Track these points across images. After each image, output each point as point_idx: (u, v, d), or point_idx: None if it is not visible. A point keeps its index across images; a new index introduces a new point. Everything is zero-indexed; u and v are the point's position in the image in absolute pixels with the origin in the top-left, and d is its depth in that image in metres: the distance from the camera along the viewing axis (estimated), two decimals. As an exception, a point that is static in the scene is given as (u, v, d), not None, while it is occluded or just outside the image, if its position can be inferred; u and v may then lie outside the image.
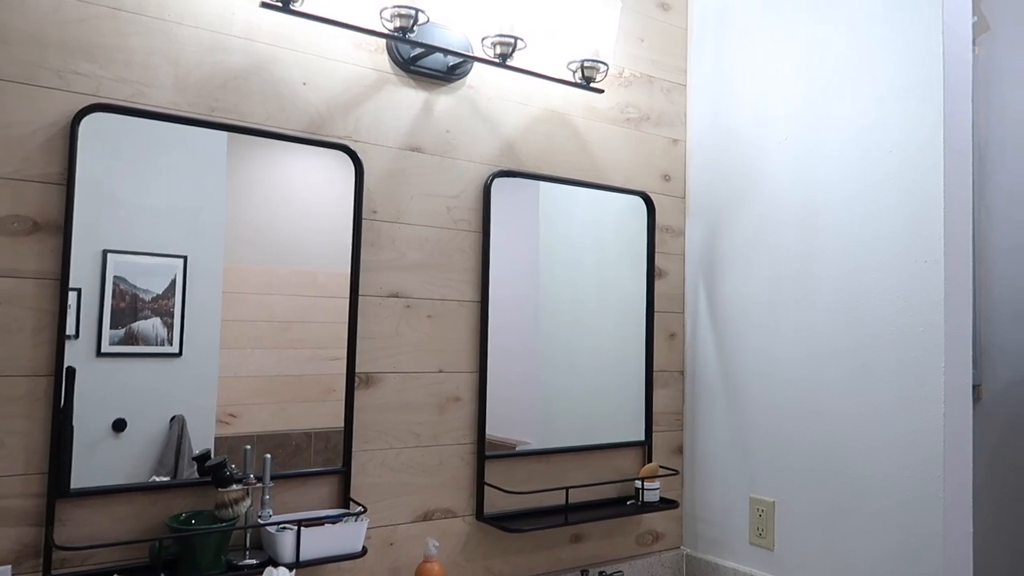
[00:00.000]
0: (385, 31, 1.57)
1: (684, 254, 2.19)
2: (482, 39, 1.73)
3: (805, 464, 1.83)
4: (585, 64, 1.83)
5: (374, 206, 1.66)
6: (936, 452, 1.58)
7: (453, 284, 1.77)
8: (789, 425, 1.88)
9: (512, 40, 1.71)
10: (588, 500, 1.94)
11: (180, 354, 1.43)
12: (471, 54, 1.73)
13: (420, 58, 1.71)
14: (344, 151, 1.61)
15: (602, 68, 1.84)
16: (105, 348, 1.35)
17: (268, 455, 1.46)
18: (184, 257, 1.43)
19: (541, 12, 1.90)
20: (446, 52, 1.68)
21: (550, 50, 1.90)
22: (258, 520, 1.44)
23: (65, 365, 1.31)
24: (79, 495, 1.32)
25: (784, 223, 1.92)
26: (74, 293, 1.33)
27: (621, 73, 2.08)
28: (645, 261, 2.09)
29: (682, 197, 2.20)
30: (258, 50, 1.54)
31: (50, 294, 1.32)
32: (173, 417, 1.42)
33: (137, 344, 1.38)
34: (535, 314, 1.90)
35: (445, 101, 1.77)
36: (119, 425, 1.36)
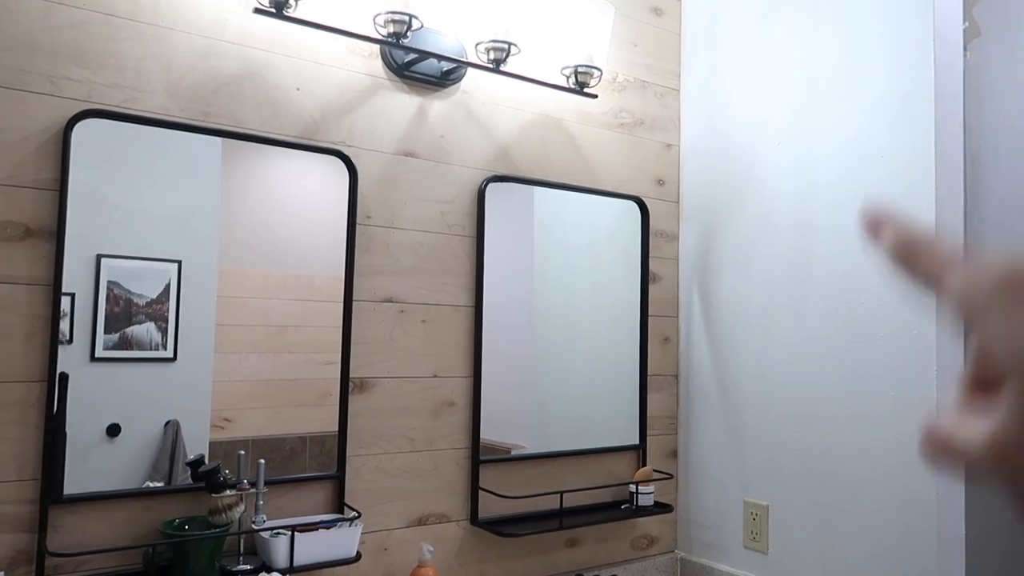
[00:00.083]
0: (379, 37, 1.57)
1: (678, 258, 2.20)
2: (476, 44, 1.74)
3: (799, 467, 1.84)
4: (579, 69, 1.83)
5: (368, 211, 1.66)
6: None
7: (447, 289, 1.77)
8: (783, 428, 1.88)
9: (506, 46, 1.71)
10: (583, 504, 1.94)
11: (174, 359, 1.42)
12: (465, 59, 1.74)
13: (414, 63, 1.71)
14: (338, 156, 1.61)
15: (596, 73, 1.85)
16: (99, 353, 1.35)
17: (262, 460, 1.46)
18: (178, 261, 1.43)
19: (535, 18, 1.90)
20: (440, 57, 1.68)
21: (544, 55, 1.90)
22: (252, 525, 1.44)
23: (58, 371, 1.31)
24: (72, 501, 1.32)
25: (778, 227, 1.92)
26: (68, 298, 1.33)
27: (615, 78, 2.09)
28: (639, 265, 2.09)
29: (676, 201, 2.20)
30: (251, 56, 1.54)
31: (43, 300, 1.31)
32: (167, 422, 1.42)
33: (131, 349, 1.38)
34: (529, 319, 1.90)
35: (439, 106, 1.78)
36: (113, 430, 1.36)
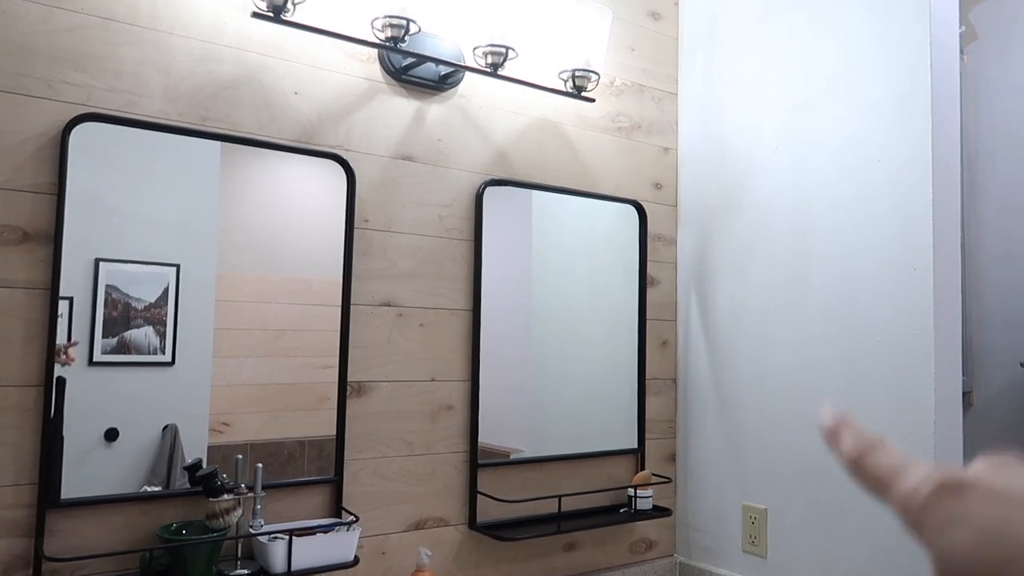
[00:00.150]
0: (376, 41, 1.58)
1: (676, 262, 2.20)
2: (474, 49, 1.74)
3: (797, 471, 1.84)
4: (576, 73, 1.84)
5: (366, 215, 1.67)
6: (927, 459, 1.58)
7: (445, 292, 1.77)
8: (781, 432, 1.88)
9: (503, 50, 1.72)
10: (581, 508, 1.94)
11: (173, 363, 1.42)
12: (462, 64, 1.74)
13: (412, 67, 1.71)
14: (336, 160, 1.61)
15: (593, 77, 1.85)
16: (97, 357, 1.35)
17: (259, 464, 1.46)
18: (177, 265, 1.43)
19: (532, 22, 1.91)
20: (437, 62, 1.69)
21: (541, 59, 1.91)
22: (249, 530, 1.44)
23: (55, 375, 1.31)
24: (69, 505, 1.32)
25: (775, 231, 1.93)
26: (66, 302, 1.33)
27: (612, 82, 2.09)
28: (637, 269, 2.09)
29: (674, 205, 2.20)
30: (249, 60, 1.54)
31: (40, 304, 1.31)
32: (166, 426, 1.41)
33: (129, 353, 1.38)
34: (527, 322, 1.90)
35: (437, 110, 1.78)
36: (111, 435, 1.36)
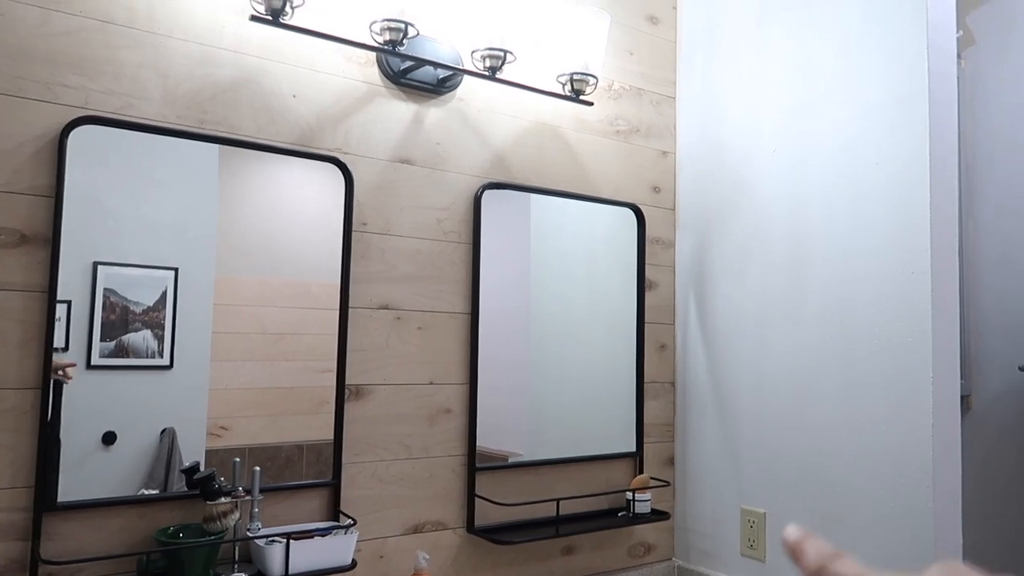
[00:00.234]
0: (375, 44, 1.58)
1: (674, 266, 2.20)
2: (472, 52, 1.74)
3: (795, 475, 1.84)
4: (574, 77, 1.84)
5: (364, 218, 1.67)
6: (925, 463, 1.58)
7: (443, 296, 1.77)
8: (779, 435, 1.88)
9: (502, 53, 1.72)
10: (579, 512, 1.94)
11: (171, 366, 1.42)
12: (461, 67, 1.74)
13: (410, 71, 1.71)
14: (334, 163, 1.61)
15: (591, 81, 1.85)
16: (95, 360, 1.35)
17: (257, 468, 1.46)
18: (175, 269, 1.43)
19: (530, 25, 1.92)
20: (436, 65, 1.69)
21: (540, 63, 1.91)
22: (247, 533, 1.44)
23: (52, 378, 1.31)
24: (66, 508, 1.31)
25: (773, 235, 1.93)
26: (64, 305, 1.32)
27: (610, 86, 2.10)
28: (635, 273, 2.09)
29: (672, 209, 2.21)
30: (247, 63, 1.55)
31: (38, 306, 1.31)
32: (163, 430, 1.41)
33: (127, 356, 1.38)
34: (526, 326, 1.90)
35: (435, 113, 1.78)
36: (109, 438, 1.36)
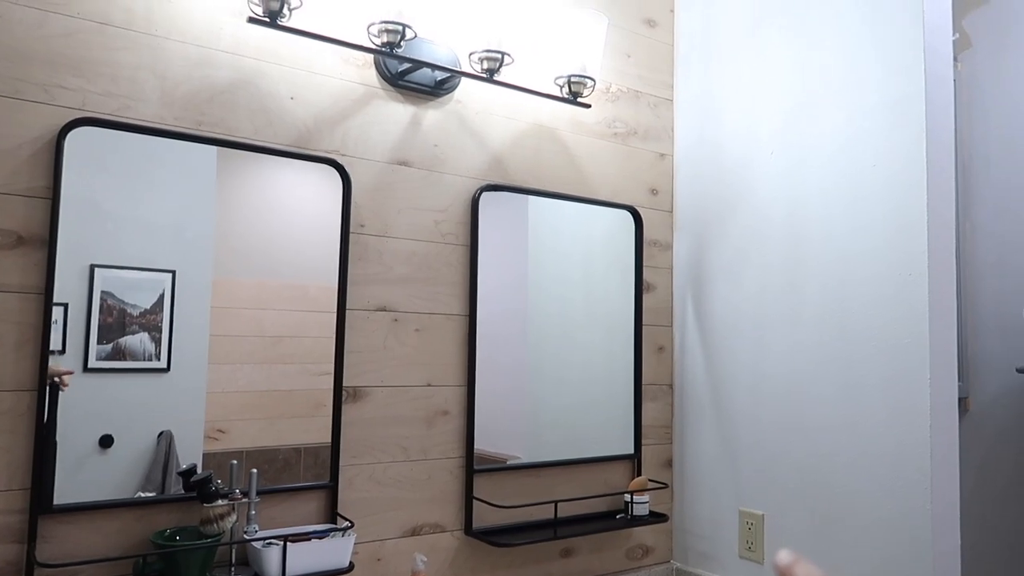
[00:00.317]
0: (373, 46, 1.58)
1: (672, 268, 2.20)
2: (469, 54, 1.74)
3: (793, 477, 1.83)
4: (572, 79, 1.84)
5: (361, 220, 1.67)
6: (923, 464, 1.58)
7: (441, 298, 1.77)
8: (777, 438, 1.88)
9: (499, 55, 1.72)
10: (577, 514, 1.93)
11: (168, 369, 1.42)
12: (458, 69, 1.74)
13: (408, 73, 1.72)
14: (332, 165, 1.61)
15: (589, 83, 1.86)
16: (92, 363, 1.35)
17: (254, 470, 1.45)
18: (172, 271, 1.43)
19: (528, 28, 1.92)
20: (434, 67, 1.69)
21: (537, 65, 1.92)
22: (244, 536, 1.43)
23: (49, 381, 1.30)
24: (62, 511, 1.31)
25: (771, 237, 1.93)
26: (61, 308, 1.32)
27: (608, 88, 2.10)
28: (633, 274, 2.09)
29: (669, 211, 2.21)
30: (245, 65, 1.54)
31: (34, 308, 1.31)
32: (161, 433, 1.41)
33: (124, 359, 1.37)
34: (523, 328, 1.90)
35: (433, 115, 1.78)
36: (106, 441, 1.35)
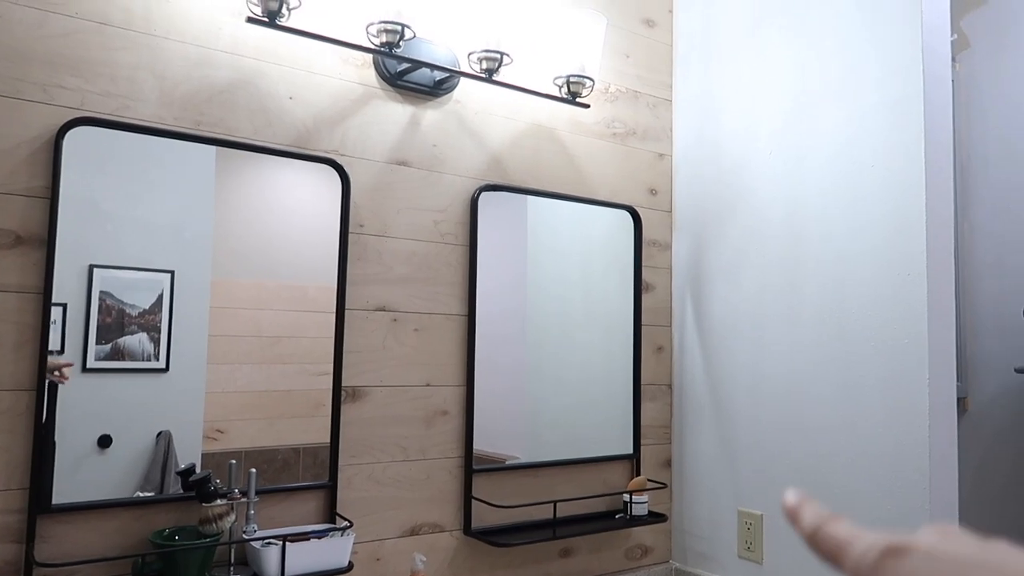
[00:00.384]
0: (372, 46, 1.58)
1: (671, 268, 2.20)
2: (468, 54, 1.74)
3: (792, 477, 1.83)
4: (571, 79, 1.84)
5: (361, 220, 1.67)
6: (922, 465, 1.58)
7: (440, 298, 1.77)
8: (776, 438, 1.88)
9: (498, 55, 1.72)
10: (576, 514, 1.93)
11: (167, 369, 1.42)
12: (458, 69, 1.74)
13: (407, 73, 1.72)
14: (331, 165, 1.61)
15: (588, 83, 1.86)
16: (91, 364, 1.35)
17: (253, 470, 1.45)
18: (171, 272, 1.43)
19: (527, 28, 1.92)
20: (433, 67, 1.69)
21: (536, 65, 1.92)
22: (243, 535, 1.43)
23: (48, 380, 1.30)
24: (61, 511, 1.31)
25: (769, 237, 1.93)
26: (59, 308, 1.32)
27: (607, 88, 2.10)
28: (632, 274, 2.09)
29: (668, 211, 2.21)
30: (244, 65, 1.55)
31: (33, 308, 1.31)
32: (159, 433, 1.41)
33: (123, 360, 1.37)
34: (522, 327, 1.90)
35: (432, 115, 1.78)
36: (104, 441, 1.35)
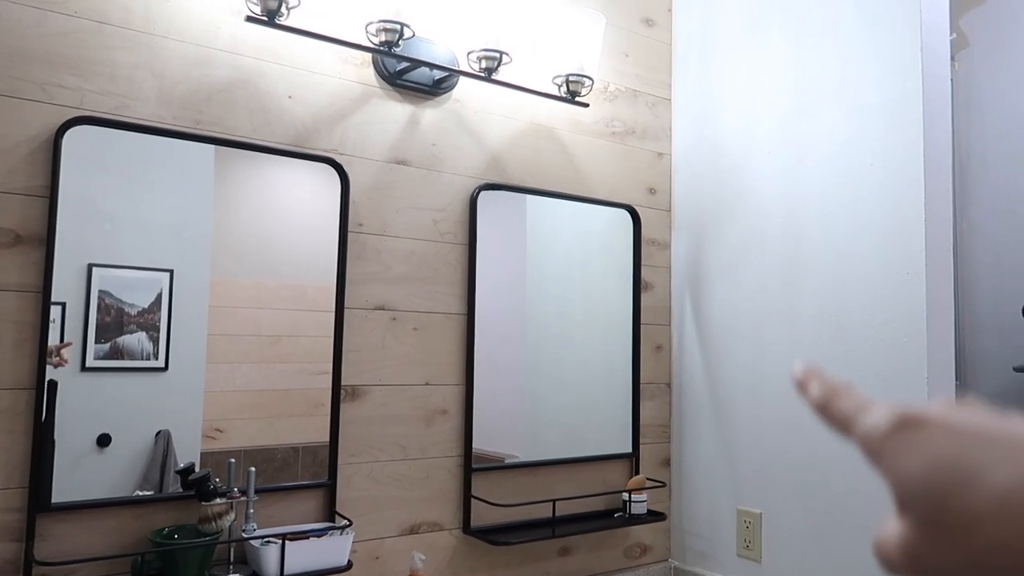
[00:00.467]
0: (371, 45, 1.58)
1: (670, 267, 2.20)
2: (468, 53, 1.75)
3: (791, 476, 1.84)
4: (570, 78, 1.84)
5: (360, 219, 1.67)
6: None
7: (439, 296, 1.77)
8: (775, 437, 1.88)
9: (497, 54, 1.72)
10: (576, 513, 1.93)
11: (166, 368, 1.42)
12: (457, 68, 1.74)
13: (406, 72, 1.72)
14: (330, 164, 1.61)
15: (587, 82, 1.86)
16: (90, 363, 1.35)
17: (252, 468, 1.45)
18: (170, 271, 1.43)
19: (526, 27, 1.92)
20: (432, 66, 1.69)
21: (535, 64, 1.92)
22: (242, 534, 1.43)
23: (47, 378, 1.30)
24: (60, 509, 1.31)
25: (768, 236, 1.93)
26: (58, 307, 1.32)
27: (606, 87, 2.10)
28: (631, 274, 2.09)
29: (668, 210, 2.21)
30: (243, 64, 1.55)
31: (32, 307, 1.31)
32: (158, 432, 1.41)
33: (122, 359, 1.37)
34: (522, 327, 1.90)
35: (431, 114, 1.78)
36: (103, 440, 1.35)
